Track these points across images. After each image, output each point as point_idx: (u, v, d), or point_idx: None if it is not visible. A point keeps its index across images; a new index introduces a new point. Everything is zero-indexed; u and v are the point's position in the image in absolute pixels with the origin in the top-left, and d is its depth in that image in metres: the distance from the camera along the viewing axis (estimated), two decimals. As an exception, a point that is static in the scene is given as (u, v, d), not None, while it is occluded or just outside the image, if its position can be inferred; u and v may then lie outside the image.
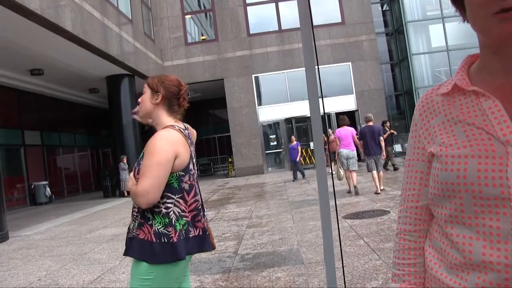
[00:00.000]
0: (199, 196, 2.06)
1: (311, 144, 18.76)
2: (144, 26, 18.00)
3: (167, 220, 1.89)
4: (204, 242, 2.02)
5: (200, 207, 2.04)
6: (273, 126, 21.02)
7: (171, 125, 2.00)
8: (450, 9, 23.12)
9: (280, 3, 20.16)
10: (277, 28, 20.30)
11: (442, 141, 0.89)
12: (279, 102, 20.07)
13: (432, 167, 0.92)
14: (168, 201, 1.92)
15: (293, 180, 14.50)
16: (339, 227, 5.86)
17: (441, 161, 0.87)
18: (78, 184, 21.18)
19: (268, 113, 20.18)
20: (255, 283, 4.02)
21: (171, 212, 1.91)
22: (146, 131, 19.60)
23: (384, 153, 9.42)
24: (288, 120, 19.97)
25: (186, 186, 1.97)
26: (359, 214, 6.95)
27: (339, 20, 20.22)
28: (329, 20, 20.00)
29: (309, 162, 19.40)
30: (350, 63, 19.91)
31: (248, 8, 20.38)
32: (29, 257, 6.41)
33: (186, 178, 1.98)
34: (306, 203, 8.75)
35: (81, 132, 22.12)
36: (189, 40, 20.77)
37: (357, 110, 19.75)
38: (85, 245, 6.88)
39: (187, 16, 21.08)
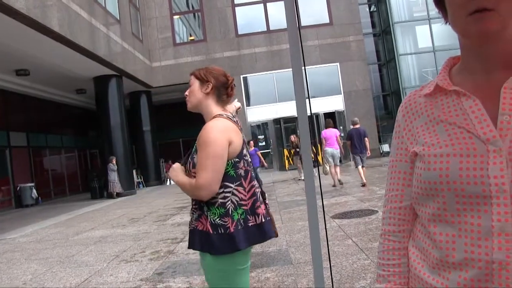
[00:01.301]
0: (256, 182, 2.04)
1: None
2: (132, 26, 17.90)
3: (223, 210, 1.88)
4: (265, 230, 1.98)
5: (258, 192, 2.02)
6: (262, 126, 21.02)
7: (219, 114, 2.01)
8: (436, 10, 23.32)
9: (268, 4, 20.20)
10: (265, 29, 20.33)
11: (425, 141, 0.90)
12: (268, 102, 20.09)
13: (415, 167, 0.93)
14: (225, 190, 1.90)
15: None
16: (328, 227, 5.87)
17: (423, 160, 0.89)
18: (65, 185, 20.97)
19: (257, 114, 20.18)
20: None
21: (228, 202, 1.90)
22: (134, 132, 19.50)
23: (369, 151, 10.65)
24: (276, 121, 19.98)
25: (242, 172, 1.96)
26: (347, 213, 6.98)
27: (327, 20, 20.32)
28: (317, 20, 20.08)
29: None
30: (338, 63, 20.02)
31: (237, 8, 20.38)
32: (14, 261, 6.32)
33: (241, 164, 1.97)
34: (295, 203, 8.77)
35: (68, 133, 21.91)
36: (178, 41, 20.70)
37: (343, 111, 19.85)
38: (72, 248, 6.81)
39: (176, 17, 21.02)
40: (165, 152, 24.68)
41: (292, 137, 15.01)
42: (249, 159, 2.06)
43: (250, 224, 1.92)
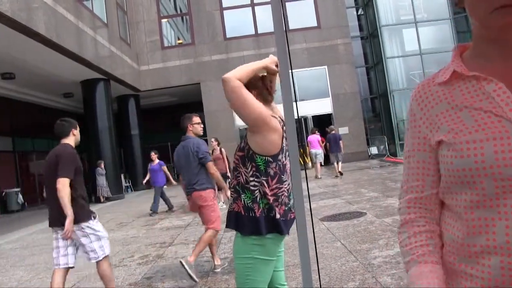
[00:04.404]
0: (283, 185, 2.20)
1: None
2: (119, 30, 17.81)
3: (253, 196, 2.15)
4: (283, 226, 2.19)
5: (280, 194, 2.19)
6: (251, 129, 20.99)
7: (273, 116, 2.22)
8: (422, 13, 23.57)
9: (256, 7, 20.23)
10: (253, 32, 20.35)
11: (449, 128, 0.90)
12: (256, 105, 20.06)
13: (442, 155, 0.92)
14: (256, 180, 2.15)
15: (151, 214, 10.20)
16: (316, 229, 5.88)
17: (454, 148, 0.87)
18: (52, 190, 20.69)
19: (246, 117, 20.14)
20: (233, 287, 4.01)
21: (257, 191, 2.15)
22: (122, 136, 19.37)
23: (342, 151, 14.06)
24: (265, 124, 20.00)
25: (271, 172, 2.17)
26: (336, 216, 7.00)
27: (315, 24, 20.40)
28: (305, 24, 20.16)
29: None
30: (326, 66, 20.09)
31: (225, 12, 20.38)
32: None
33: (273, 165, 2.17)
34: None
35: (56, 137, 21.65)
36: (166, 44, 20.63)
37: (331, 114, 19.96)
38: (59, 253, 6.72)
39: (164, 20, 20.95)
40: (154, 156, 24.49)
41: None
42: (285, 164, 2.23)
43: (271, 215, 2.14)
